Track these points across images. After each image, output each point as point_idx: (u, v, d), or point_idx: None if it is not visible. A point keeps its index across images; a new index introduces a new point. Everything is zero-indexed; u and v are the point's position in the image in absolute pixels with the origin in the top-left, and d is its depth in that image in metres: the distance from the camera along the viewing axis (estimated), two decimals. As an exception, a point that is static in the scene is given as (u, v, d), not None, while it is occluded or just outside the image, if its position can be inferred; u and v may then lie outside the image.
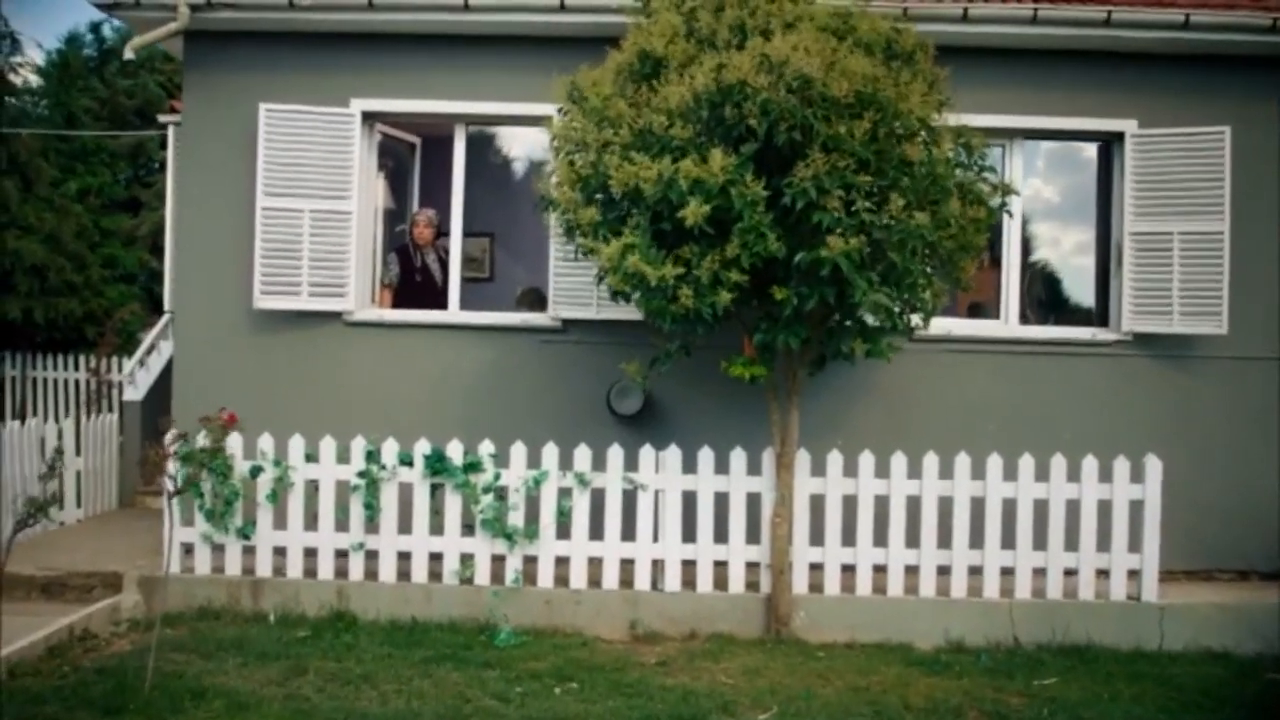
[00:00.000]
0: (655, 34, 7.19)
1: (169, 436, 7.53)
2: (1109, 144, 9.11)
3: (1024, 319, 9.17)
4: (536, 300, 11.02)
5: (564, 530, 7.97)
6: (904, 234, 6.58)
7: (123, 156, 23.39)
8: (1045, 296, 9.80)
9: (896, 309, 6.83)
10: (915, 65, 7.26)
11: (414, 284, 9.62)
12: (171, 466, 7.30)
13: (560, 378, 8.94)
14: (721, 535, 7.98)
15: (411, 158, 10.36)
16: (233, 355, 8.91)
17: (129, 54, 8.64)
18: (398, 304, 9.45)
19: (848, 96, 6.59)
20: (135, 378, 11.88)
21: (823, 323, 7.16)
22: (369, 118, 9.07)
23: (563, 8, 8.56)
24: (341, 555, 8.03)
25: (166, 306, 11.02)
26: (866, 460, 7.93)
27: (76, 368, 18.95)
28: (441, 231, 9.81)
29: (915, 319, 7.08)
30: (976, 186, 6.96)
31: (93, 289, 19.77)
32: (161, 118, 13.66)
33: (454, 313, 9.13)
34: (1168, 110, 8.86)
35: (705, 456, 7.95)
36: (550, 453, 7.97)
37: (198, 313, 8.95)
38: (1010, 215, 8.16)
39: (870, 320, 6.99)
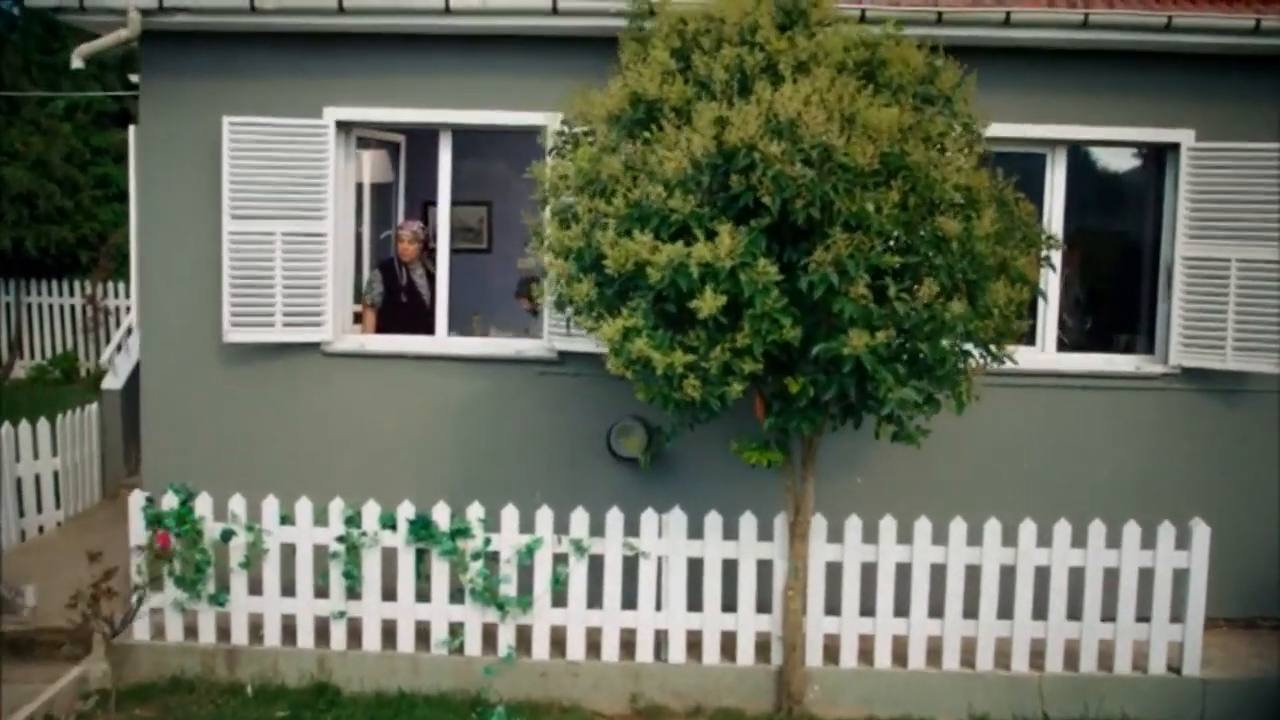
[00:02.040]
0: (647, 75, 6.33)
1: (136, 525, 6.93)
2: (1162, 157, 8.22)
3: (1061, 345, 8.41)
4: (525, 289, 10.30)
5: (560, 597, 7.40)
6: (937, 326, 5.82)
7: (112, 67, 22.35)
8: (1086, 322, 9.02)
9: (926, 402, 6.08)
10: (953, 107, 6.40)
11: (399, 303, 8.89)
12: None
13: (557, 413, 8.26)
14: (730, 604, 7.40)
15: (396, 156, 9.54)
16: (203, 392, 8.24)
17: (76, 62, 7.78)
18: (382, 325, 8.73)
19: (872, 163, 5.77)
20: (115, 364, 11.22)
21: (843, 400, 6.43)
22: (344, 127, 8.23)
23: (555, 11, 7.66)
24: (322, 622, 7.48)
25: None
26: (888, 526, 7.30)
27: (72, 294, 18.38)
28: (429, 246, 9.04)
29: (949, 403, 6.34)
30: (1019, 263, 6.14)
31: (85, 213, 19.08)
32: (133, 76, 12.72)
33: (442, 340, 8.41)
34: (1230, 121, 7.96)
35: (713, 522, 7.32)
36: (545, 517, 7.36)
37: (164, 345, 8.26)
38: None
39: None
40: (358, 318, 8.89)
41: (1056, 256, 7.82)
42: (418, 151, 9.45)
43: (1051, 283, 8.06)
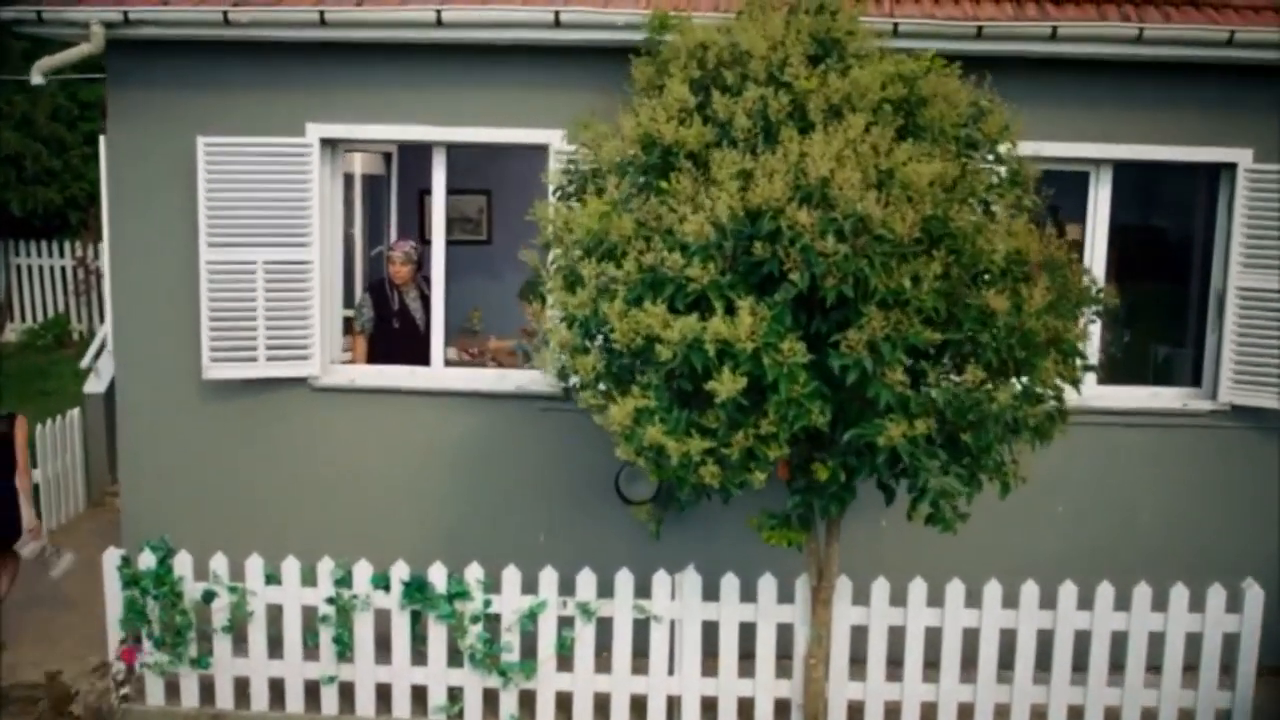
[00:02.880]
0: (662, 114, 5.70)
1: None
2: (1216, 178, 7.58)
3: (1101, 378, 7.84)
4: (532, 292, 9.71)
5: (566, 661, 6.93)
6: (982, 415, 5.26)
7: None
8: (1128, 351, 8.43)
9: (968, 488, 5.54)
10: (1000, 153, 5.78)
11: (392, 330, 8.31)
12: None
13: (562, 452, 7.73)
14: (747, 668, 6.92)
15: (387, 167, 8.91)
16: (183, 431, 7.70)
17: (36, 78, 7.13)
18: (374, 355, 8.16)
19: (912, 231, 5.16)
20: (98, 368, 10.68)
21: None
22: (330, 145, 7.59)
23: (558, 24, 7.00)
24: (312, 684, 7.02)
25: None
26: (917, 589, 6.81)
27: (62, 254, 17.80)
28: (421, 269, 8.45)
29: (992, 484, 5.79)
30: (1072, 334, 5.56)
31: (73, 172, 18.38)
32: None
33: (438, 373, 7.85)
34: (1293, 142, 7.32)
35: (729, 584, 6.83)
36: (549, 578, 6.86)
37: (141, 381, 7.71)
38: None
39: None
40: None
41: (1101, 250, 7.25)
42: (411, 161, 8.83)
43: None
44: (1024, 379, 5.50)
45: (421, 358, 7.93)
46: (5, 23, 7.08)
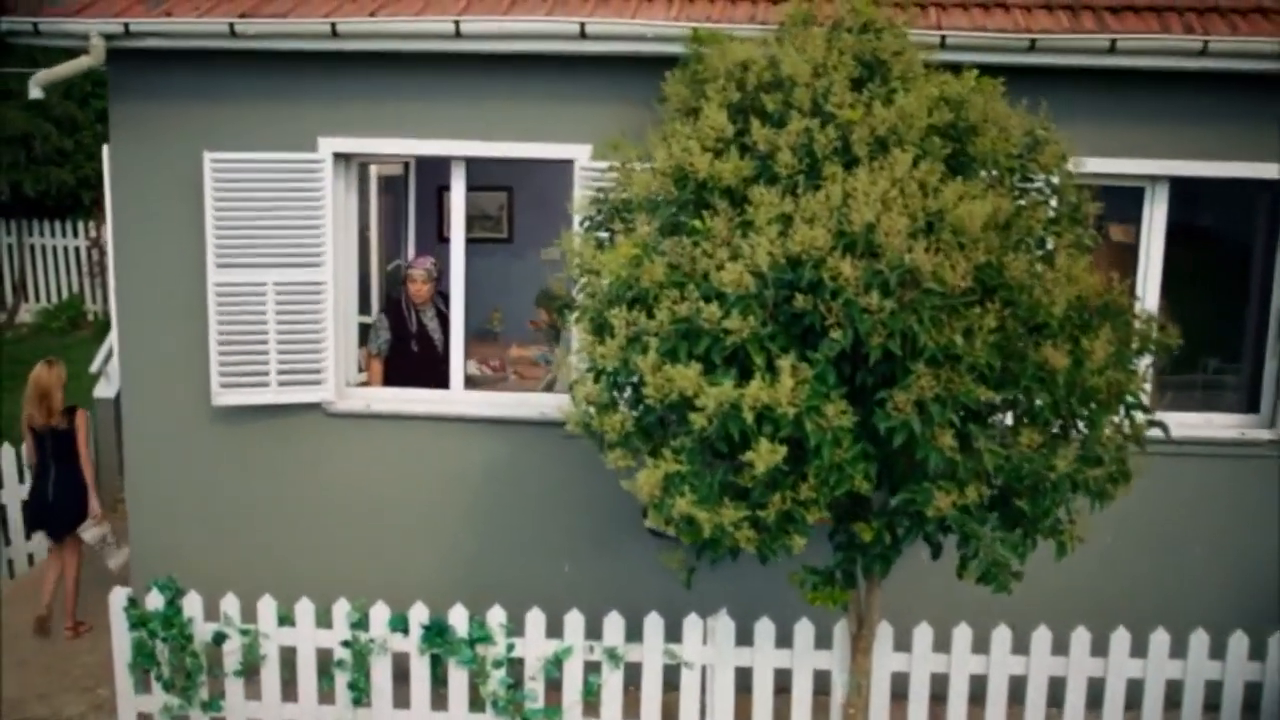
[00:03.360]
0: (696, 148, 5.31)
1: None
2: (1278, 195, 7.15)
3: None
4: (546, 301, 9.38)
5: (593, 707, 6.63)
6: (1038, 480, 4.90)
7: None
8: (1178, 371, 8.00)
9: (1022, 551, 5.18)
10: (1057, 185, 5.39)
11: (409, 352, 7.96)
12: None
13: (587, 482, 7.35)
14: (782, 713, 6.62)
15: (405, 166, 8.55)
16: (193, 459, 7.41)
17: (35, 92, 6.78)
18: (390, 378, 7.82)
19: (964, 281, 4.78)
20: (108, 371, 10.37)
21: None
22: (343, 160, 7.22)
23: (583, 35, 6.60)
24: (329, 729, 6.76)
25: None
26: (962, 635, 6.47)
27: (75, 234, 17.52)
28: (441, 288, 8.10)
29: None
30: (1133, 385, 5.18)
31: (85, 151, 18.04)
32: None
33: (457, 397, 7.51)
34: (1365, 158, 6.87)
35: (764, 629, 6.51)
36: (574, 622, 6.56)
37: (149, 407, 7.41)
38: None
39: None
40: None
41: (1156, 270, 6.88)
42: (430, 170, 8.47)
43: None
44: (1082, 434, 5.13)
45: (440, 380, 7.60)
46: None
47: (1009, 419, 5.26)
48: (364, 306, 7.95)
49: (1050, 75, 6.53)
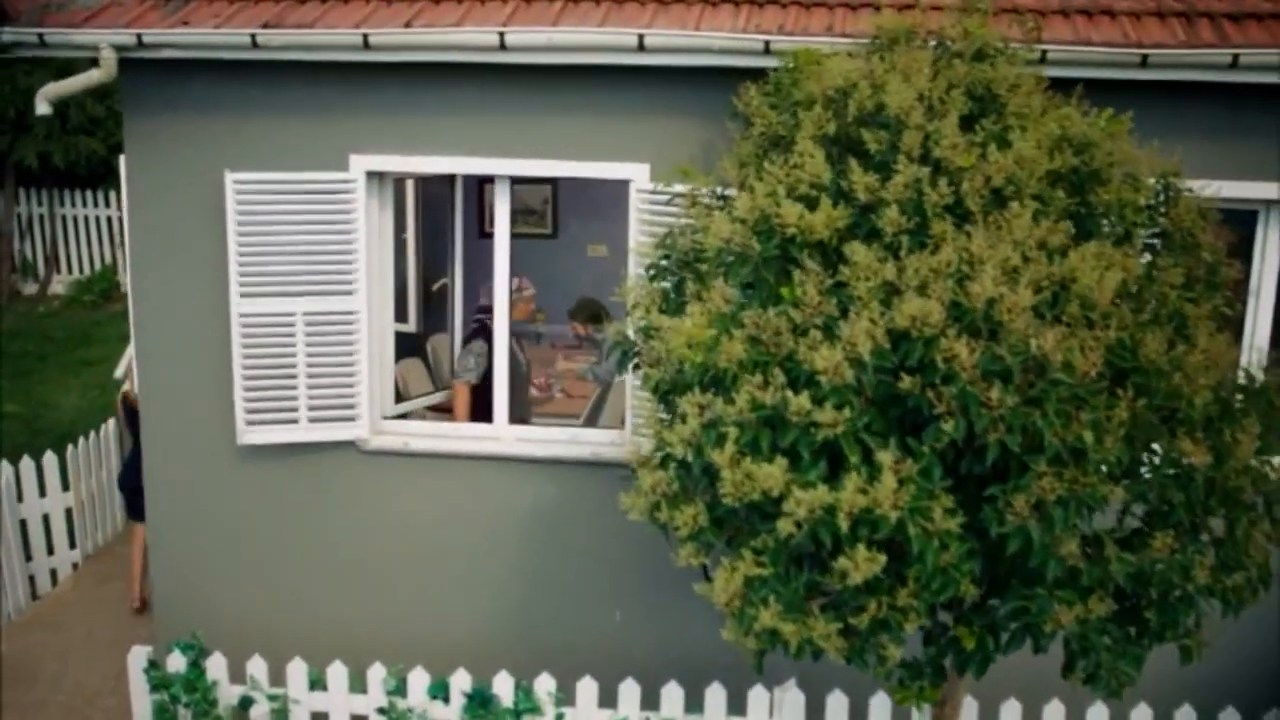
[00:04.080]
0: (784, 188, 4.67)
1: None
2: None
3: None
4: (585, 312, 8.79)
5: (648, 781, 6.12)
6: (1170, 589, 4.30)
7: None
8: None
9: (1142, 657, 4.59)
10: (1197, 253, 4.73)
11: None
12: None
13: (641, 525, 6.80)
14: (853, 793, 6.10)
15: (450, 189, 7.93)
16: (217, 501, 6.88)
17: (42, 108, 6.20)
18: (476, 405, 7.26)
19: (1095, 366, 4.15)
20: (133, 371, 9.84)
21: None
22: (376, 179, 6.61)
23: (642, 48, 5.93)
24: (365, 799, 6.28)
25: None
26: (1054, 713, 5.90)
27: (108, 204, 17.02)
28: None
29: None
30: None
31: (117, 119, 17.41)
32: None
33: (501, 432, 6.93)
34: None
35: (836, 704, 5.97)
36: (630, 691, 6.04)
37: (171, 445, 6.88)
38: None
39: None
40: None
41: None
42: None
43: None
44: (1218, 536, 4.52)
45: (520, 407, 7.03)
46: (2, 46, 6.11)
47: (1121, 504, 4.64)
48: (400, 314, 7.41)
49: (1150, 86, 5.84)
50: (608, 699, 6.14)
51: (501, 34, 5.92)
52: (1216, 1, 6.00)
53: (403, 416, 7.16)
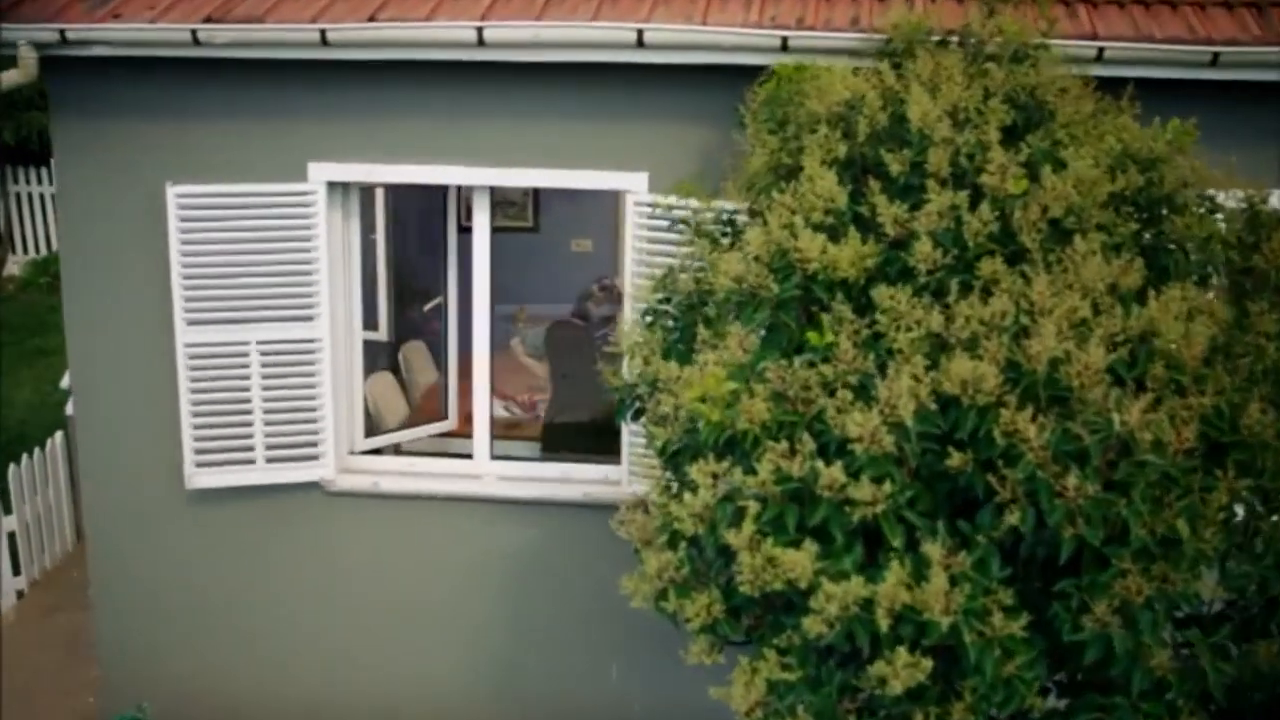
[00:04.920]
0: (800, 224, 3.97)
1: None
2: None
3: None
4: (608, 301, 8.08)
5: None
6: (1276, 702, 3.63)
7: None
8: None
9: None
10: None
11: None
12: None
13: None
14: None
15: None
16: (166, 550, 6.20)
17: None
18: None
19: (1189, 441, 3.46)
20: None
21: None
22: (339, 191, 5.88)
23: (640, 44, 5.20)
24: None
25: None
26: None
27: (61, 181, 16.21)
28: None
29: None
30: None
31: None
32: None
33: (483, 468, 6.24)
34: None
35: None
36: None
37: (114, 492, 6.18)
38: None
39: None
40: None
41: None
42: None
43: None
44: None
45: None
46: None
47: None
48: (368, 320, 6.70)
49: (1205, 87, 5.14)
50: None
51: (479, 28, 5.19)
52: (1291, -10, 5.30)
53: (375, 451, 6.46)
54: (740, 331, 3.88)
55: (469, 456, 6.29)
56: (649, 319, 4.53)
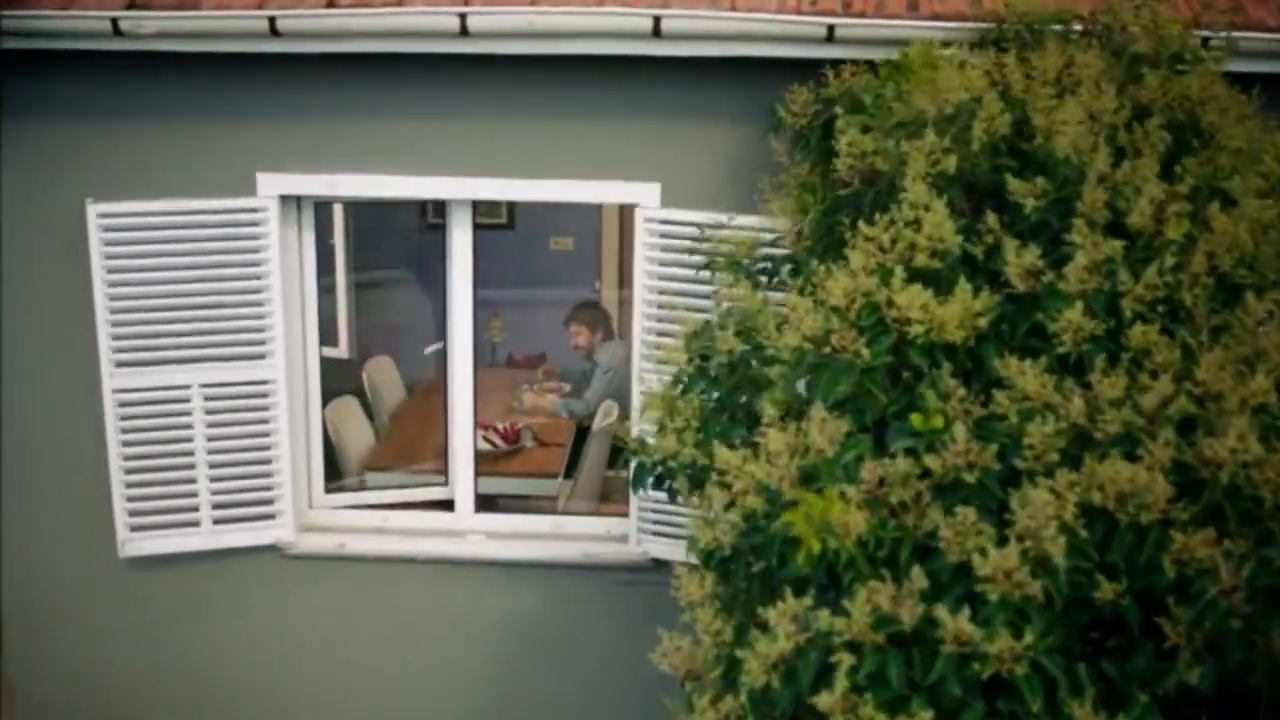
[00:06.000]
0: (889, 257, 3.17)
1: None
2: None
3: None
4: (596, 320, 7.24)
5: None
6: None
7: None
8: None
9: None
10: None
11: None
12: None
13: (649, 641, 5.31)
14: None
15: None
16: (98, 629, 5.31)
17: None
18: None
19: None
20: None
21: None
22: (294, 206, 4.97)
23: (657, 34, 4.31)
24: None
25: None
26: None
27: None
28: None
29: None
30: None
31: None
32: None
33: (465, 523, 5.40)
34: None
35: None
36: None
37: (38, 556, 5.26)
38: None
39: None
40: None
41: None
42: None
43: None
44: None
45: None
46: None
47: None
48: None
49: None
50: None
51: (462, 15, 4.29)
52: None
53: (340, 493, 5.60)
54: (828, 417, 3.03)
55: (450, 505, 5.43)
56: (681, 385, 3.66)
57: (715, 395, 3.58)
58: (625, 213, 7.26)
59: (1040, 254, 3.04)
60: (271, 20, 4.29)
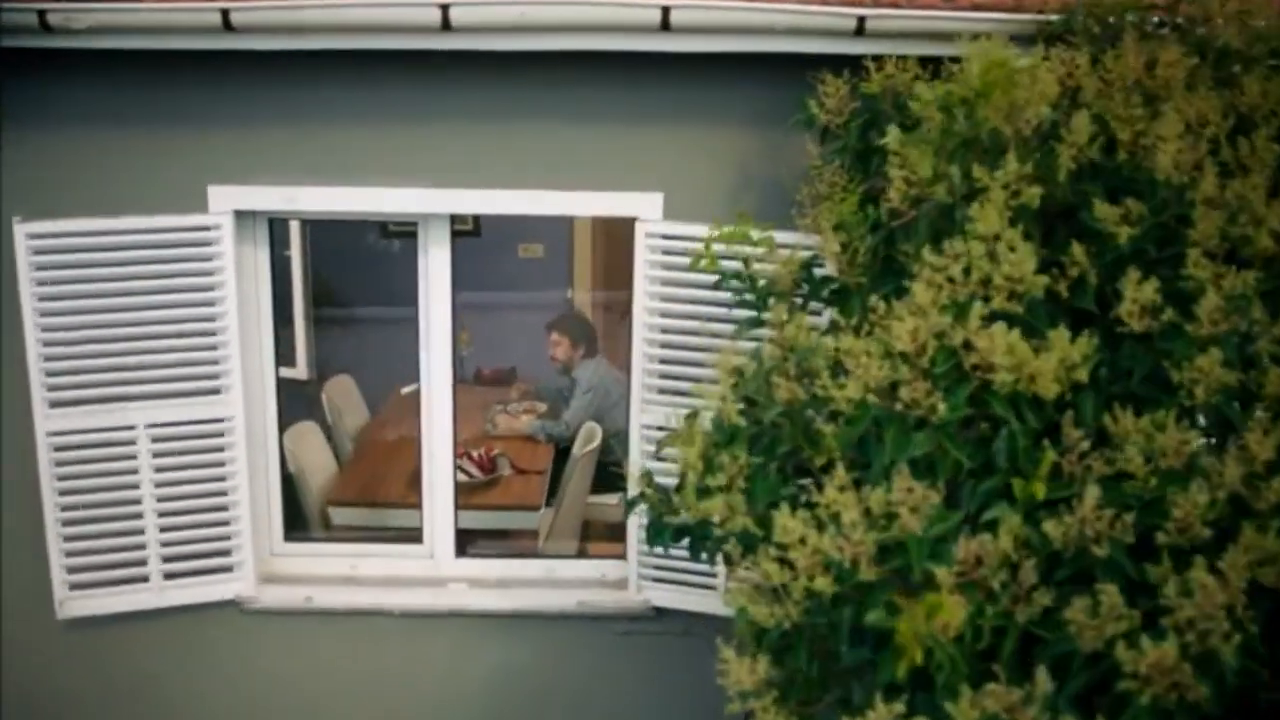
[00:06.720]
0: (963, 291, 2.72)
1: None
2: None
3: None
4: (580, 333, 6.77)
5: None
6: None
7: None
8: None
9: None
10: None
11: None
12: None
13: (653, 694, 4.86)
14: None
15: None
16: (34, 699, 4.72)
17: None
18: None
19: None
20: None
21: None
22: (249, 222, 4.43)
23: (665, 27, 3.82)
24: None
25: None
26: None
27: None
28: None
29: None
30: None
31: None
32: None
33: (445, 571, 4.88)
34: None
35: None
36: None
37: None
38: None
39: None
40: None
41: None
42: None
43: None
44: None
45: None
46: None
47: None
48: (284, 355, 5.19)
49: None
50: None
51: (445, 7, 3.76)
52: None
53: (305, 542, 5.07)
54: (909, 480, 2.55)
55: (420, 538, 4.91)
56: (721, 439, 3.16)
57: (762, 447, 3.08)
58: (598, 218, 6.83)
59: (1162, 293, 2.59)
60: (225, 13, 3.75)
